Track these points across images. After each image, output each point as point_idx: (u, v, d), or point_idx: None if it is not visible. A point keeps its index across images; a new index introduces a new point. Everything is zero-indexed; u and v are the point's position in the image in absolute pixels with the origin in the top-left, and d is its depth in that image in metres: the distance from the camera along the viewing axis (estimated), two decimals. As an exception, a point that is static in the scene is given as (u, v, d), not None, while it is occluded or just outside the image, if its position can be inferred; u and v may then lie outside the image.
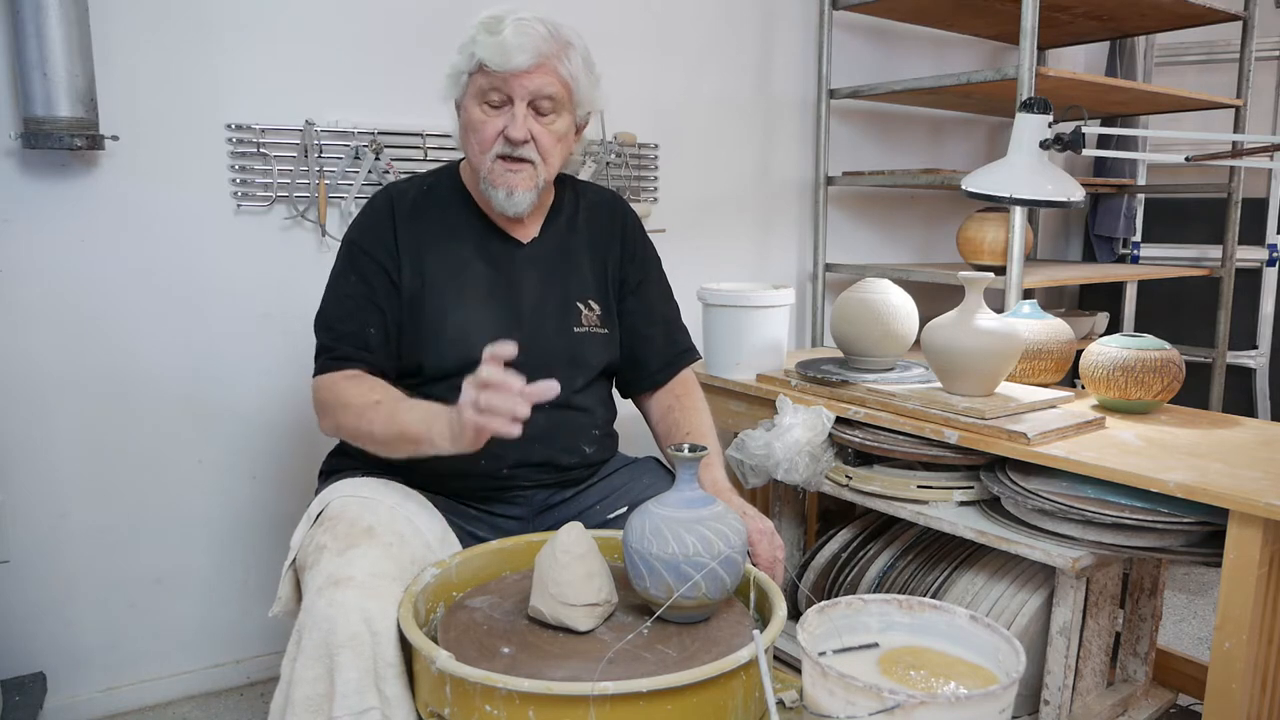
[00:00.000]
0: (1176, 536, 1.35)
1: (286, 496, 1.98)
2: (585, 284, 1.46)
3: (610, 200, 1.56)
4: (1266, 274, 2.92)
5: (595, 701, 0.91)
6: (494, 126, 1.32)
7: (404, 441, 1.21)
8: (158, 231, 1.81)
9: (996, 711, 0.90)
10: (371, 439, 1.26)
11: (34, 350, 1.74)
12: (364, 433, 1.26)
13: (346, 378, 1.32)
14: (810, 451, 1.66)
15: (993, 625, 1.03)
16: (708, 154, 2.45)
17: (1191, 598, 2.45)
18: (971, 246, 2.42)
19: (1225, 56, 2.97)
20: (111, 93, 1.71)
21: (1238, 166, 2.68)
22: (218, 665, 1.99)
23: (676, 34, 2.35)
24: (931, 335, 1.61)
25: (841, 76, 2.58)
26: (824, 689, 0.92)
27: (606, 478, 1.48)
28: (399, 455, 1.24)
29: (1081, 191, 1.49)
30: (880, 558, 1.74)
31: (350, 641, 1.05)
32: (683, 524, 1.08)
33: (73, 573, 1.82)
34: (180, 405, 1.87)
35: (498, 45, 1.27)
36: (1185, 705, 1.82)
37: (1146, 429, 1.58)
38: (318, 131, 1.90)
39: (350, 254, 1.39)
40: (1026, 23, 2.02)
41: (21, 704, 1.67)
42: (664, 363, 1.54)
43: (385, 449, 1.25)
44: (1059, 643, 1.46)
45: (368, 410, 1.26)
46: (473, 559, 1.25)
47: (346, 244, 1.40)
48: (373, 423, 1.25)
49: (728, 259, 2.53)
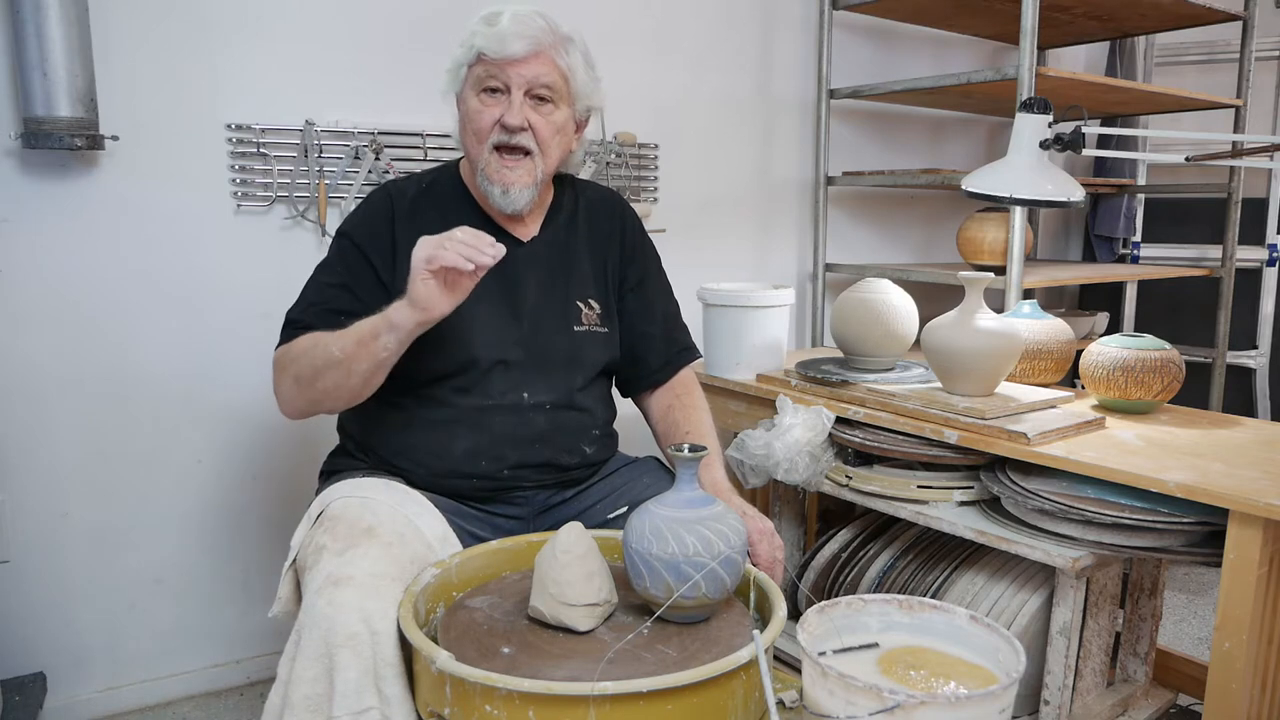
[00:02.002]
0: (1176, 536, 1.35)
1: (286, 496, 1.98)
2: (585, 283, 1.46)
3: (610, 199, 1.56)
4: (1266, 274, 2.92)
5: (595, 701, 0.91)
6: (490, 115, 1.32)
7: (364, 343, 1.19)
8: (158, 231, 1.81)
9: (996, 711, 0.90)
10: (331, 363, 1.22)
11: (34, 350, 1.74)
12: (321, 363, 1.23)
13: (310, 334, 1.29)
14: (810, 451, 1.66)
15: (993, 625, 1.03)
16: (708, 154, 2.45)
17: (1191, 598, 2.45)
18: (971, 246, 2.42)
19: (1225, 56, 2.97)
20: (111, 93, 1.71)
21: (1238, 166, 2.68)
22: (218, 665, 1.99)
23: (676, 34, 2.35)
24: (931, 335, 1.61)
25: (841, 76, 2.58)
26: (824, 689, 0.92)
27: (607, 477, 1.48)
28: (364, 367, 1.20)
29: (1081, 191, 1.49)
30: (880, 558, 1.74)
31: (350, 641, 1.05)
32: (683, 524, 1.08)
33: (73, 573, 1.82)
34: (180, 405, 1.87)
35: (496, 34, 1.29)
36: (1185, 705, 1.82)
37: (1146, 429, 1.58)
38: (318, 131, 1.90)
39: (340, 247, 1.39)
40: (1026, 23, 2.02)
41: (21, 704, 1.67)
42: (664, 361, 1.54)
43: (349, 366, 1.21)
44: (1059, 643, 1.46)
45: (320, 342, 1.23)
46: (473, 559, 1.25)
47: (339, 236, 1.40)
48: (329, 346, 1.22)
49: (728, 259, 2.53)
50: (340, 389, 1.24)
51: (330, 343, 1.23)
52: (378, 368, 1.22)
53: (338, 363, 1.22)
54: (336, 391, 1.25)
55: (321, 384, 1.25)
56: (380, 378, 1.25)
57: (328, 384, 1.24)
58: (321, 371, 1.24)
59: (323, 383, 1.24)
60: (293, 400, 1.30)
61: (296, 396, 1.29)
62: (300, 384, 1.27)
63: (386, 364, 1.22)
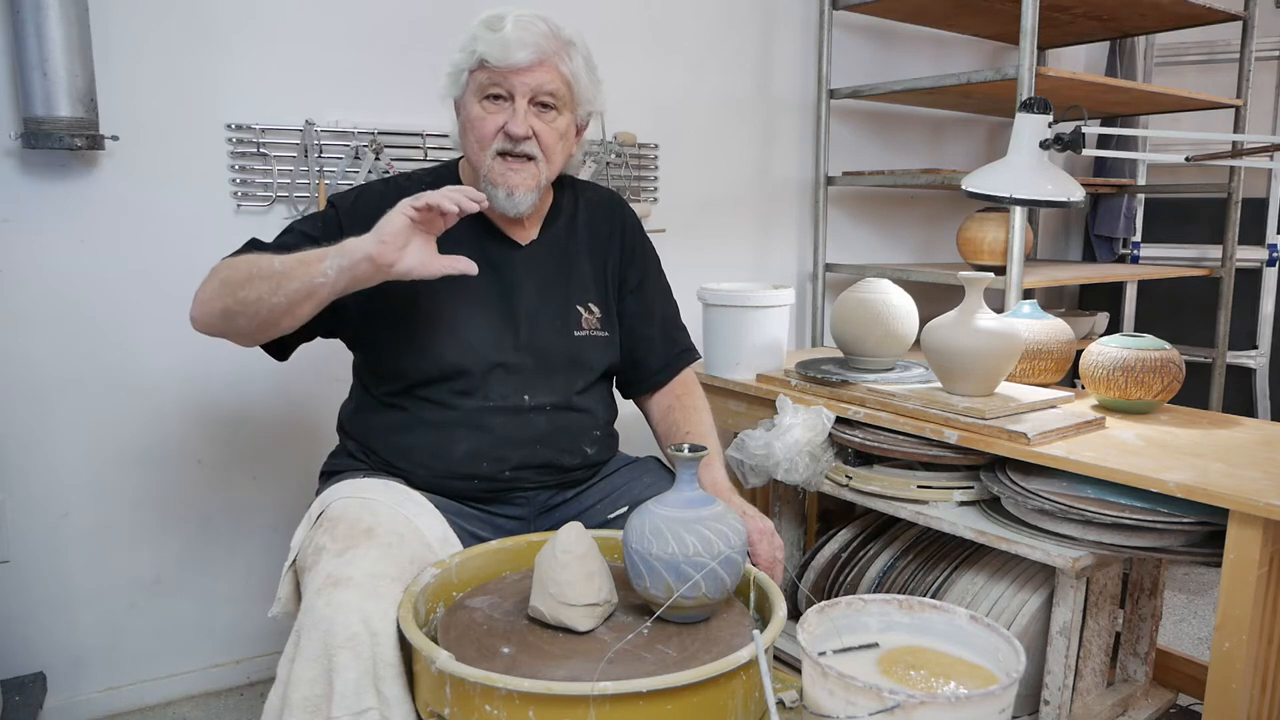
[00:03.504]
0: (1176, 536, 1.35)
1: (286, 496, 1.98)
2: (585, 286, 1.46)
3: (609, 200, 1.55)
4: (1266, 274, 2.92)
5: (595, 701, 0.91)
6: (494, 123, 1.31)
7: (306, 262, 1.14)
8: (158, 231, 1.81)
9: (996, 711, 0.90)
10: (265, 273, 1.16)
11: (34, 350, 1.74)
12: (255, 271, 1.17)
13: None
14: (810, 451, 1.66)
15: (993, 625, 1.03)
16: (708, 154, 2.45)
17: (1191, 598, 2.45)
18: (971, 246, 2.42)
19: (1225, 56, 2.97)
20: (111, 93, 1.71)
21: (1238, 166, 2.68)
22: (218, 665, 1.99)
23: (676, 34, 2.35)
24: (931, 335, 1.61)
25: (841, 76, 2.58)
26: (824, 689, 0.92)
27: (607, 477, 1.48)
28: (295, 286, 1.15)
29: (1081, 191, 1.49)
30: (880, 558, 1.74)
31: (349, 642, 1.05)
32: (683, 524, 1.08)
33: (73, 573, 1.82)
34: (180, 405, 1.87)
35: (499, 41, 1.27)
36: (1185, 705, 1.82)
37: (1146, 429, 1.58)
38: (318, 131, 1.90)
39: (325, 215, 1.36)
40: (1026, 23, 2.02)
41: (21, 704, 1.67)
42: (664, 363, 1.54)
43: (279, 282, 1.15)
44: (1059, 643, 1.46)
45: (263, 257, 1.18)
46: (473, 559, 1.25)
47: (329, 204, 1.38)
48: (271, 259, 1.17)
49: (728, 259, 2.53)
50: (261, 304, 1.17)
51: (273, 257, 1.17)
52: (309, 294, 1.16)
53: (272, 274, 1.15)
54: (257, 305, 1.17)
55: (245, 292, 1.17)
56: (306, 311, 1.18)
57: (250, 294, 1.17)
58: (252, 279, 1.17)
59: (247, 291, 1.17)
60: (208, 301, 1.22)
61: (214, 297, 1.21)
62: (225, 286, 1.20)
63: (318, 294, 1.16)
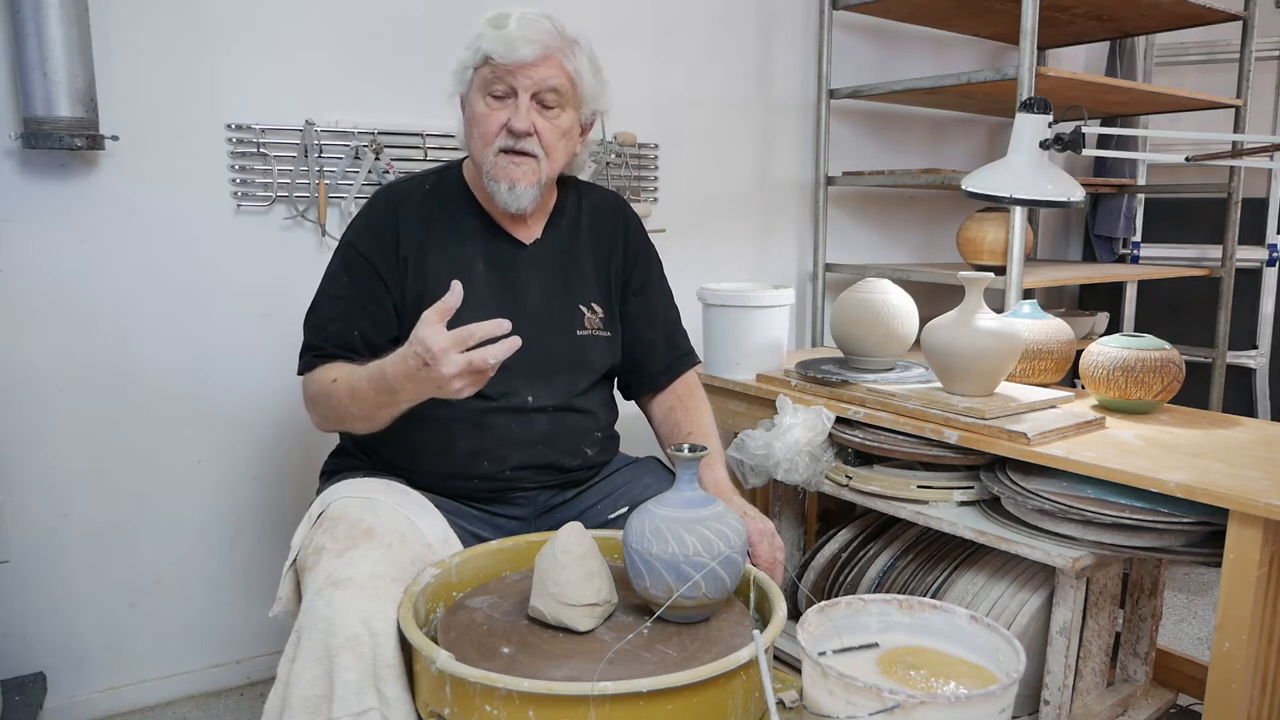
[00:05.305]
0: (1176, 536, 1.35)
1: (286, 496, 1.98)
2: (589, 287, 1.46)
3: (613, 202, 1.56)
4: (1266, 274, 2.92)
5: (595, 701, 0.91)
6: (497, 119, 1.32)
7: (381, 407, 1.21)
8: (158, 231, 1.81)
9: (996, 711, 0.90)
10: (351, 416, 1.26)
11: (34, 350, 1.74)
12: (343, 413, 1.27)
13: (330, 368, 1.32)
14: (810, 451, 1.66)
15: (993, 625, 1.03)
16: (707, 154, 2.45)
17: (1191, 598, 2.45)
18: (971, 246, 2.42)
19: (1225, 56, 2.97)
20: (111, 93, 1.71)
21: (1238, 166, 2.68)
22: (218, 665, 1.99)
23: (676, 34, 2.35)
24: (931, 335, 1.61)
25: (841, 76, 2.58)
26: (824, 689, 0.92)
27: (608, 477, 1.48)
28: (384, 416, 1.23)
29: (1081, 191, 1.49)
30: (880, 558, 1.74)
31: (349, 642, 1.05)
32: (683, 524, 1.08)
33: (73, 573, 1.82)
34: (180, 405, 1.87)
35: (503, 38, 1.28)
36: (1185, 705, 1.82)
37: (1146, 429, 1.58)
38: (318, 131, 1.90)
39: (346, 256, 1.38)
40: (1026, 23, 2.02)
41: (21, 704, 1.67)
42: (665, 366, 1.54)
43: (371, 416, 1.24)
44: (1059, 643, 1.46)
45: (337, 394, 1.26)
46: (473, 559, 1.25)
47: (344, 245, 1.40)
48: (348, 407, 1.25)
49: (728, 259, 2.53)
50: (366, 428, 1.27)
51: (347, 403, 1.25)
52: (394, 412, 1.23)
53: (357, 417, 1.26)
54: (365, 428, 1.27)
55: (347, 424, 1.31)
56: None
57: (353, 425, 1.29)
58: (343, 420, 1.30)
59: (348, 424, 1.30)
60: (323, 429, 1.37)
61: (325, 427, 1.36)
62: (328, 421, 1.34)
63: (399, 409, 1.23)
